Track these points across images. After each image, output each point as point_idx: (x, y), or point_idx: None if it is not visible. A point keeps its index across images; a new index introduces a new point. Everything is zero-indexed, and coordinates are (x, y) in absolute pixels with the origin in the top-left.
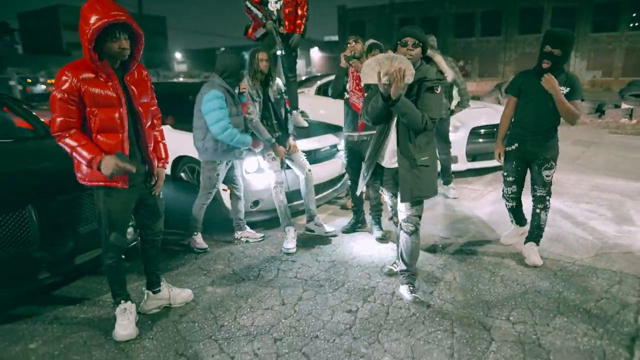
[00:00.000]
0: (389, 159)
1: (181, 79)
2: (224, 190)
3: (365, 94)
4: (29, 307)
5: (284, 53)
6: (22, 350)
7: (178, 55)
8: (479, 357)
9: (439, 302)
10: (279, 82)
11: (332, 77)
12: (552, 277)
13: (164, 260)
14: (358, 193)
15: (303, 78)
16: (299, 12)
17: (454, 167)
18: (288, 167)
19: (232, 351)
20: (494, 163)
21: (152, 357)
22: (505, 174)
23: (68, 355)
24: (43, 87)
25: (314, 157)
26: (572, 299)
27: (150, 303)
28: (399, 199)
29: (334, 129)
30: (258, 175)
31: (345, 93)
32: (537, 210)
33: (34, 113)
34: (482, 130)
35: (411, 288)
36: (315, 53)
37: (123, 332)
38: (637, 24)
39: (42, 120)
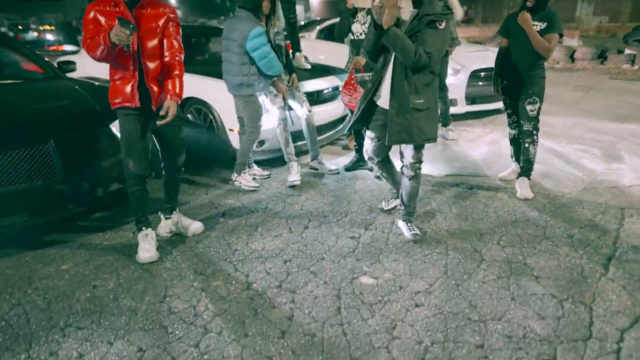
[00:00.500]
0: (386, 99)
1: None
2: (230, 130)
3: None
4: (57, 235)
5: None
6: (55, 271)
7: (172, 1)
8: (470, 274)
9: (435, 230)
10: (280, 24)
11: (333, 21)
12: (541, 208)
13: None
14: (346, 130)
15: (302, 23)
16: None
17: (453, 110)
18: (290, 108)
19: (246, 270)
20: (493, 106)
21: (173, 275)
22: (504, 107)
23: (98, 274)
24: (35, 34)
25: (316, 98)
26: (558, 227)
27: (162, 226)
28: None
29: (336, 71)
30: (264, 115)
31: (351, 34)
32: (526, 145)
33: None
34: (482, 74)
35: (409, 225)
36: None
37: (145, 255)
38: None
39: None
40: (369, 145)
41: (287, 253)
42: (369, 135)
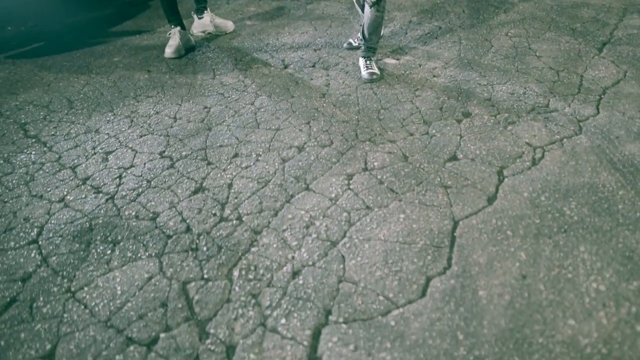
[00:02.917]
0: None
1: None
2: None
3: None
4: (97, 38)
5: None
6: (108, 62)
7: None
8: (480, 55)
9: (449, 25)
10: None
11: None
12: (548, 9)
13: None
14: None
15: None
16: None
17: None
18: None
19: (281, 57)
20: None
21: (217, 61)
22: None
23: (148, 63)
24: None
25: None
26: (562, 22)
27: (195, 26)
28: None
29: None
30: None
31: None
32: None
33: None
34: None
35: (368, 62)
36: None
37: (168, 50)
38: None
39: None
40: None
41: (316, 44)
42: None
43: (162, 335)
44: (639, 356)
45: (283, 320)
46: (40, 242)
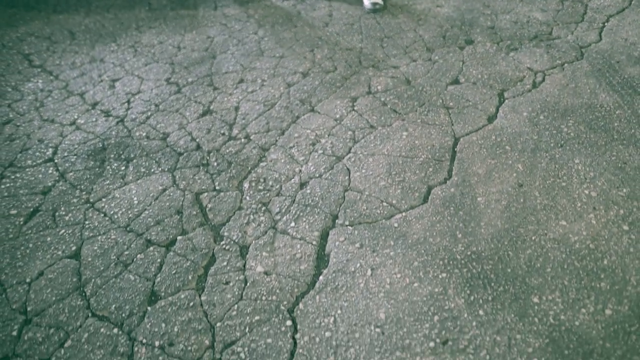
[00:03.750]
0: None
1: None
2: None
3: None
4: None
5: None
6: None
7: None
8: None
9: None
10: None
11: None
12: None
13: None
14: None
15: None
16: None
17: None
18: None
19: None
20: None
21: None
22: None
23: None
24: None
25: None
26: None
27: None
28: None
29: None
30: None
31: None
32: None
33: None
34: None
35: None
36: None
37: None
38: None
39: None
40: None
41: None
42: None
43: (179, 237)
44: (623, 250)
45: (292, 224)
46: (56, 161)
